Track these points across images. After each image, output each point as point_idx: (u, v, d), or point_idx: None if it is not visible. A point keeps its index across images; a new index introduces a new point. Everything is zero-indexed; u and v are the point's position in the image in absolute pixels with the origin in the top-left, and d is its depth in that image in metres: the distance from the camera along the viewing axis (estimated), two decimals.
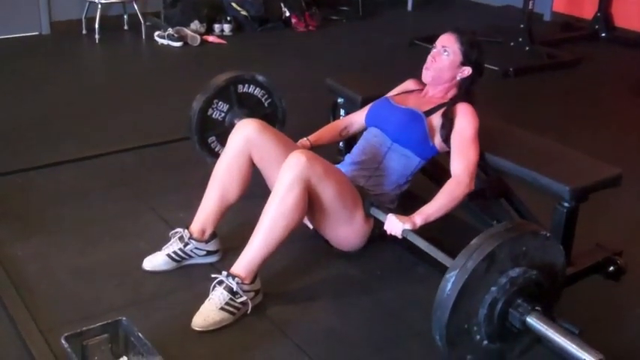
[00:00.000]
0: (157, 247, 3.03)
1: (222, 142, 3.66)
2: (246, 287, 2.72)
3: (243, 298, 2.71)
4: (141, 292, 2.89)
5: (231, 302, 2.69)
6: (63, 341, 2.36)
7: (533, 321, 2.30)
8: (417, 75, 3.19)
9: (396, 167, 3.07)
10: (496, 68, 5.78)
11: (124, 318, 2.49)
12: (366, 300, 2.93)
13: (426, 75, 3.12)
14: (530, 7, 6.54)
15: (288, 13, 7.27)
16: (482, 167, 3.02)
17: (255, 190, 3.04)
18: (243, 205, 3.05)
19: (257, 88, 3.74)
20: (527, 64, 6.19)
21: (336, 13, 7.71)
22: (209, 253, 3.05)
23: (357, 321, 2.80)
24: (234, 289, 2.70)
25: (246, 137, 2.99)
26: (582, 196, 2.76)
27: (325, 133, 3.36)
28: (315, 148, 3.18)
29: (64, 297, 2.84)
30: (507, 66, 5.90)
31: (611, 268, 2.97)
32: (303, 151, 2.78)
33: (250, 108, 3.69)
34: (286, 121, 3.81)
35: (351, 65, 5.89)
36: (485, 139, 2.98)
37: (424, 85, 3.18)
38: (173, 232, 3.04)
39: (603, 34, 7.13)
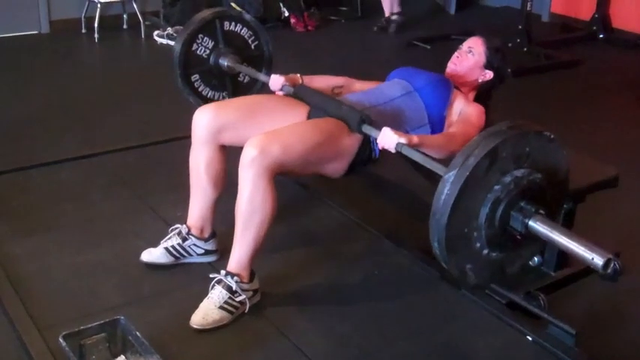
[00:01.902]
0: (155, 246, 3.03)
1: (206, 82, 3.59)
2: (245, 286, 2.73)
3: (242, 297, 2.72)
4: (139, 291, 2.90)
5: (230, 301, 2.70)
6: (61, 340, 2.37)
7: (536, 224, 2.19)
8: None
9: (405, 110, 2.98)
10: None
11: (122, 317, 2.49)
12: (364, 300, 2.93)
13: (451, 68, 3.14)
14: (528, 8, 6.54)
15: (287, 13, 7.27)
16: None
17: None
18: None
19: (244, 28, 3.62)
20: (525, 65, 6.19)
21: (335, 13, 7.70)
22: (207, 252, 3.06)
23: (355, 321, 2.80)
24: (234, 288, 2.70)
25: (206, 126, 2.92)
26: (580, 196, 2.77)
27: (318, 80, 3.23)
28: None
29: (63, 295, 2.84)
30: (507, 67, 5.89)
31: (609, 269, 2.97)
32: (253, 142, 2.65)
33: (236, 47, 3.57)
34: (272, 65, 3.71)
35: (349, 65, 5.89)
36: None
37: None
38: (172, 227, 3.05)
39: (601, 36, 7.13)
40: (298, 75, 3.18)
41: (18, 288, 2.85)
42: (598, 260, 2.06)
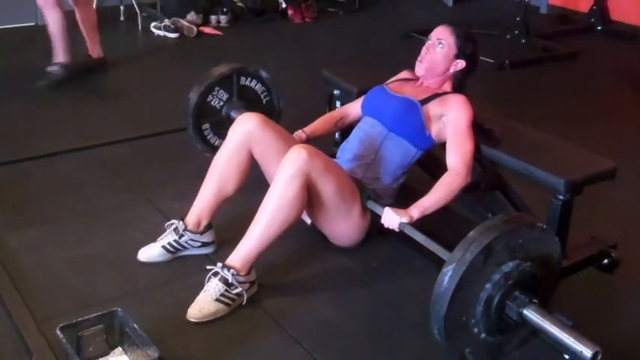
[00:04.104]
0: (153, 239, 3.04)
1: (215, 131, 3.70)
2: (241, 279, 2.73)
3: (239, 290, 2.72)
4: (136, 283, 2.90)
5: (227, 293, 2.70)
6: (58, 332, 2.36)
7: (530, 313, 2.31)
8: (412, 66, 3.19)
9: (393, 157, 3.06)
10: (492, 61, 5.79)
11: (119, 309, 2.49)
12: (362, 292, 2.93)
13: (419, 68, 3.13)
14: None
15: (284, 5, 7.25)
16: (478, 159, 3.03)
17: (251, 183, 3.04)
18: (239, 198, 3.05)
19: (258, 84, 3.76)
20: (523, 57, 6.19)
21: (332, 4, 7.68)
22: (204, 244, 3.06)
23: (352, 313, 2.80)
24: (230, 281, 2.70)
25: (248, 131, 2.98)
26: (577, 188, 2.76)
27: (321, 124, 3.36)
28: (312, 140, 3.19)
29: (60, 288, 2.84)
30: (503, 59, 5.90)
31: (606, 261, 2.98)
32: (305, 146, 2.78)
33: (248, 101, 3.70)
34: (280, 121, 3.76)
35: (347, 57, 5.88)
36: (481, 131, 2.99)
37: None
38: (168, 223, 3.05)
39: (599, 27, 7.13)
40: (301, 131, 3.25)
41: (15, 280, 2.85)
42: (587, 353, 2.18)
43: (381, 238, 3.08)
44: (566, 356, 2.51)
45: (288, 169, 2.71)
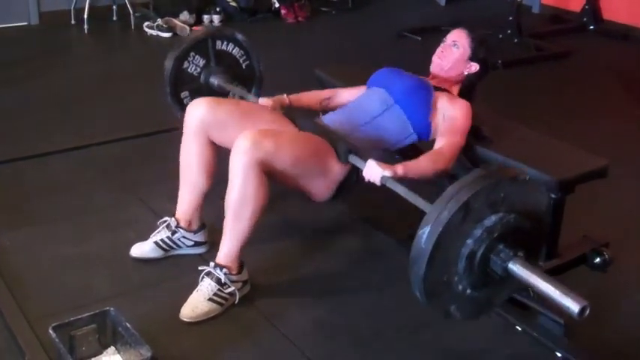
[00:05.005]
0: (145, 238, 3.04)
1: (195, 98, 3.58)
2: (233, 278, 2.73)
3: (231, 289, 2.72)
4: (129, 283, 2.90)
5: (219, 293, 2.70)
6: (51, 331, 2.37)
7: (515, 267, 2.19)
8: (404, 65, 3.19)
9: (390, 127, 2.98)
10: None
11: (112, 308, 2.50)
12: (354, 292, 2.94)
13: (436, 64, 3.13)
14: None
15: (277, 4, 7.25)
16: (470, 158, 3.03)
17: None
18: None
19: (236, 47, 3.61)
20: (515, 57, 6.20)
21: (325, 4, 7.68)
22: (197, 243, 3.06)
23: (345, 312, 2.81)
24: (222, 280, 2.70)
25: (199, 119, 2.93)
26: (568, 187, 2.77)
27: (306, 97, 3.27)
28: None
29: (52, 287, 2.84)
30: (496, 58, 5.90)
31: (598, 260, 2.99)
32: (247, 134, 2.66)
33: (227, 66, 3.57)
34: (262, 86, 3.69)
35: (340, 56, 5.88)
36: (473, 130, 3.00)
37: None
38: (161, 220, 3.05)
39: (591, 27, 7.14)
40: (285, 95, 3.18)
41: (8, 279, 2.85)
42: (574, 307, 2.08)
43: (373, 237, 3.09)
44: (559, 354, 2.53)
45: (238, 165, 2.63)
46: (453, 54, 3.09)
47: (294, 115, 3.08)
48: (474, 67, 3.10)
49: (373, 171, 2.64)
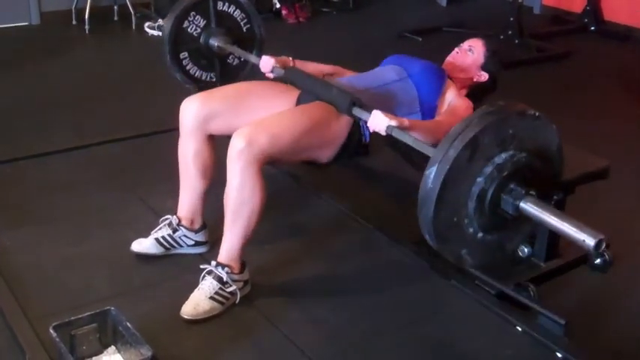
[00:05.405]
0: (146, 237, 3.03)
1: (195, 61, 3.57)
2: (235, 277, 2.73)
3: (233, 288, 2.72)
4: (130, 282, 2.90)
5: (221, 292, 2.70)
6: (51, 331, 2.37)
7: (527, 206, 2.16)
8: None
9: (398, 96, 2.96)
10: None
11: (113, 308, 2.49)
12: (355, 292, 2.94)
13: (449, 62, 3.16)
14: (519, 0, 6.55)
15: (278, 5, 7.25)
16: None
17: None
18: None
19: (237, 10, 3.59)
20: (516, 57, 6.19)
21: (326, 4, 7.68)
22: (198, 243, 3.06)
23: (345, 312, 2.81)
24: (224, 279, 2.70)
25: (194, 115, 2.92)
26: (569, 187, 2.77)
27: (312, 66, 3.23)
28: None
29: (53, 287, 2.84)
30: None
31: (599, 261, 2.97)
32: (242, 133, 2.63)
33: (228, 28, 3.55)
34: (263, 49, 3.68)
35: (340, 57, 5.86)
36: None
37: None
38: (162, 218, 3.06)
39: (592, 28, 7.14)
40: (290, 58, 3.18)
41: (8, 279, 2.85)
42: (589, 241, 2.05)
43: (374, 240, 3.08)
44: (559, 354, 2.53)
45: (235, 165, 2.62)
46: (467, 57, 3.13)
47: (294, 77, 3.04)
48: (484, 76, 3.14)
49: (379, 120, 2.60)
